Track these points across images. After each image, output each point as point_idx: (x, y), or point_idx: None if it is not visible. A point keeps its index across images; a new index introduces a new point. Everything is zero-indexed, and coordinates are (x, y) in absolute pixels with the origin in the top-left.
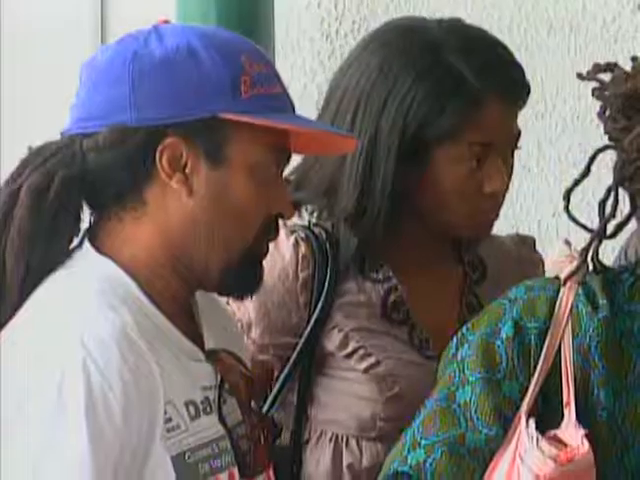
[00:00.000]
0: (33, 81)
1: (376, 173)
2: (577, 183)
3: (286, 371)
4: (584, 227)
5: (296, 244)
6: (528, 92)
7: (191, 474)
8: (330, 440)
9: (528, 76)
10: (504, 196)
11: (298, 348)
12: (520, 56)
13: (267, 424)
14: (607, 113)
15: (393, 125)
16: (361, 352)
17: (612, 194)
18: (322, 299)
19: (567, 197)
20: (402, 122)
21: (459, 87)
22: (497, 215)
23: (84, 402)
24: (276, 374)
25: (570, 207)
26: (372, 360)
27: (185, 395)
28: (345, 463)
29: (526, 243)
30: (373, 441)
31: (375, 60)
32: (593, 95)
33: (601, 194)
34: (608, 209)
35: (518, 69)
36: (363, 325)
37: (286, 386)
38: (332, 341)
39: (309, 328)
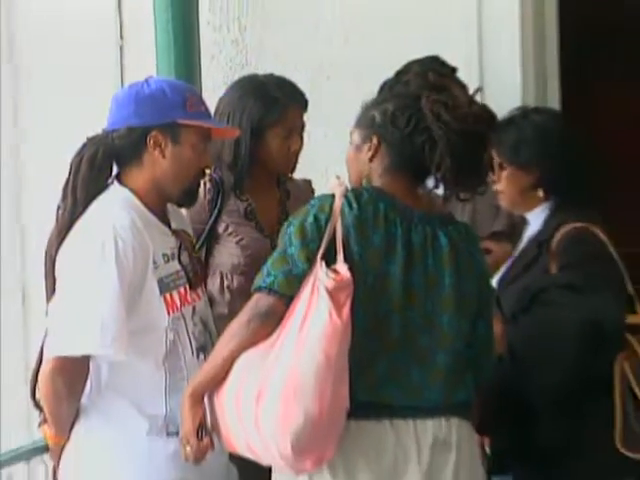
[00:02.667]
0: (51, 77)
1: (241, 144)
2: None
3: (201, 241)
4: None
5: (204, 184)
6: (306, 104)
7: (166, 288)
8: (218, 275)
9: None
10: (299, 152)
11: (205, 230)
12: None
13: (201, 265)
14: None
15: (247, 121)
16: (234, 233)
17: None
18: (216, 209)
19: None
20: (250, 120)
21: (276, 102)
22: (296, 162)
23: (114, 256)
24: (195, 241)
25: None
26: (239, 237)
27: (162, 250)
28: (225, 285)
29: (309, 183)
30: (239, 275)
31: (237, 94)
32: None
33: None
34: None
35: (302, 95)
36: (235, 221)
37: (199, 248)
38: (221, 227)
39: (210, 222)
